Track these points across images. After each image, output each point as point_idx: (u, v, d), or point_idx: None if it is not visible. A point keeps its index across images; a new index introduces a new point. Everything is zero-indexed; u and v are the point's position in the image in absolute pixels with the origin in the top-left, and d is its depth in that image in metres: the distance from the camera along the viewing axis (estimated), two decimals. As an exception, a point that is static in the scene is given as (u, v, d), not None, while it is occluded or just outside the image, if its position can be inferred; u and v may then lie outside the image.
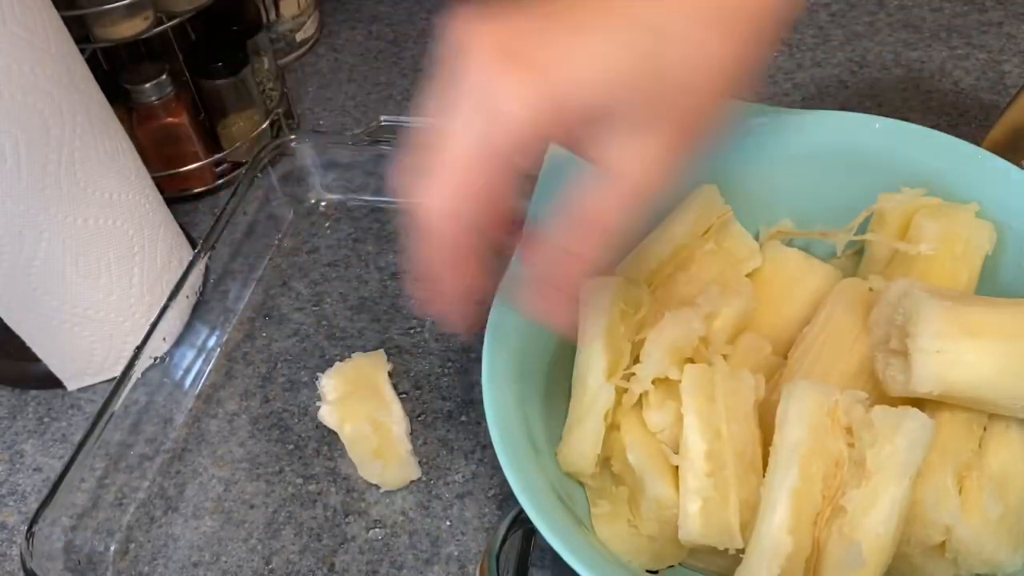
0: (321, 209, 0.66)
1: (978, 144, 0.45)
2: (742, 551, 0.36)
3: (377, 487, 0.50)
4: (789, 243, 0.49)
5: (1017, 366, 0.36)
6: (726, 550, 0.37)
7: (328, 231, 0.65)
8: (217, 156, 0.68)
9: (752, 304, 0.46)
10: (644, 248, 0.46)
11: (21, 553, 0.44)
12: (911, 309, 0.37)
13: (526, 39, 0.28)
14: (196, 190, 0.68)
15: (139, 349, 0.52)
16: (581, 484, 0.44)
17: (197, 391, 0.56)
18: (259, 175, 0.63)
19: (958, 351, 0.36)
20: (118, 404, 0.50)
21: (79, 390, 0.57)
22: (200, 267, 0.57)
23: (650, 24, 0.29)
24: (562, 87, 0.28)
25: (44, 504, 0.45)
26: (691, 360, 0.42)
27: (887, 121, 0.46)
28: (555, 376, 0.44)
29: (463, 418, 0.53)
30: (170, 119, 0.63)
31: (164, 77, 0.62)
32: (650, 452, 0.40)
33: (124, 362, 0.51)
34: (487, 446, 0.51)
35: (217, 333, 0.58)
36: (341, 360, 0.55)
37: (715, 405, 0.39)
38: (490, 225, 0.31)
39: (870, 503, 0.34)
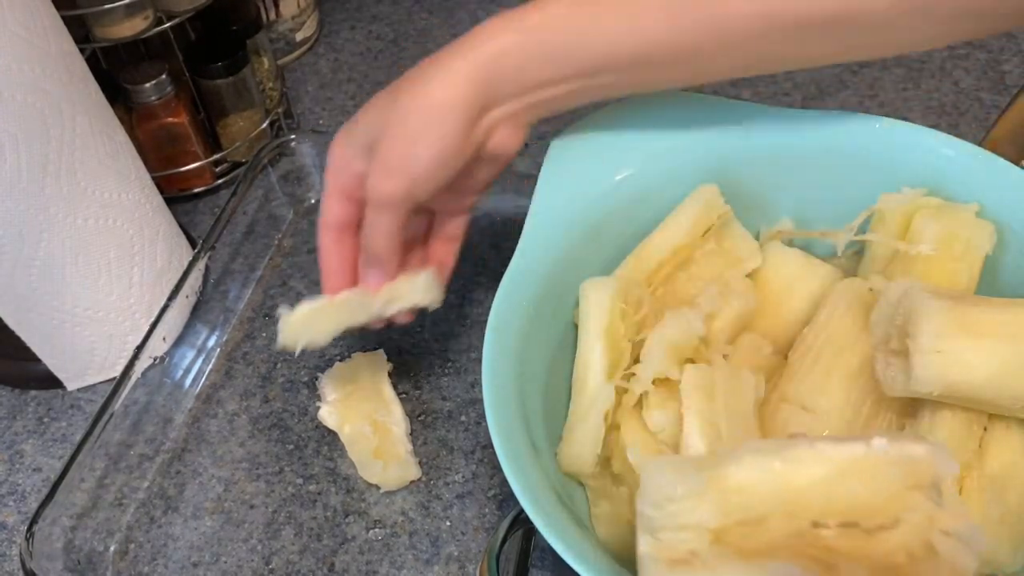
0: (321, 209, 0.66)
1: (978, 144, 0.45)
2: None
3: (377, 487, 0.50)
4: (789, 243, 0.49)
5: (1018, 366, 0.36)
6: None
7: (328, 231, 0.65)
8: (217, 156, 0.68)
9: (752, 304, 0.46)
10: (644, 248, 0.46)
11: (21, 553, 0.44)
12: (911, 309, 0.37)
13: None
14: (196, 190, 0.68)
15: (139, 349, 0.51)
16: (581, 484, 0.43)
17: (197, 391, 0.56)
18: (259, 175, 0.63)
19: (958, 351, 0.36)
20: (118, 404, 0.50)
21: (79, 390, 0.57)
22: (200, 267, 0.57)
23: None
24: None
25: (44, 504, 0.45)
26: (691, 360, 0.42)
27: (887, 121, 0.46)
28: (555, 376, 0.44)
29: (463, 418, 0.53)
30: (170, 119, 0.63)
31: (164, 77, 0.62)
32: (650, 452, 0.40)
33: (124, 362, 0.51)
34: (487, 446, 0.51)
35: (217, 333, 0.58)
36: (341, 360, 0.55)
37: (715, 405, 0.39)
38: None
39: None
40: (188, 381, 0.56)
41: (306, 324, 0.45)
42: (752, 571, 0.27)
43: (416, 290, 0.45)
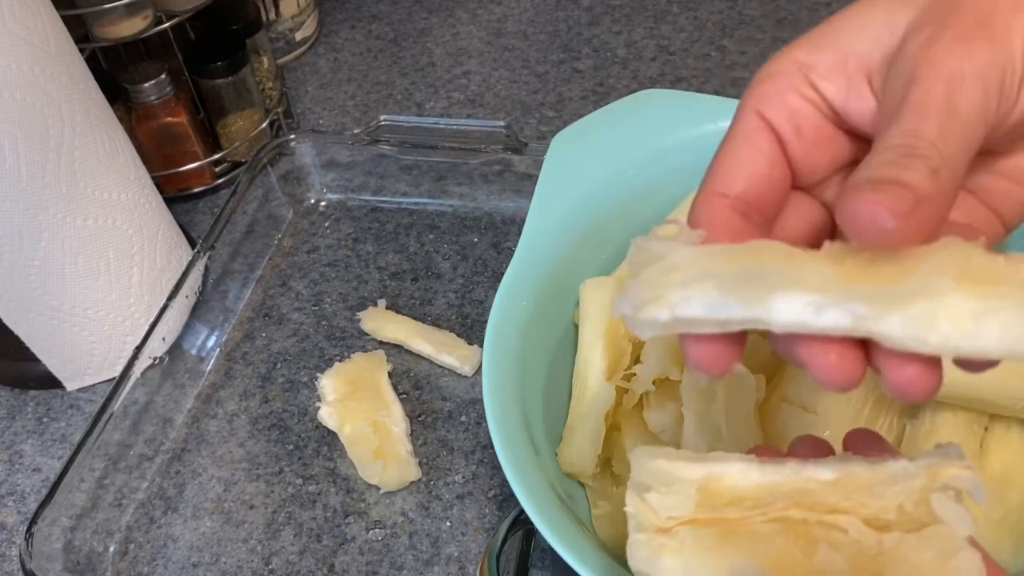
0: (321, 209, 0.66)
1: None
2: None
3: (377, 488, 0.50)
4: (789, 243, 0.49)
5: (1018, 366, 0.36)
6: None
7: (328, 231, 0.65)
8: (217, 156, 0.68)
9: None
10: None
11: (20, 553, 0.44)
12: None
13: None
14: (195, 190, 0.68)
15: (138, 349, 0.51)
16: (581, 484, 0.43)
17: (196, 391, 0.56)
18: (259, 174, 0.63)
19: (959, 351, 0.36)
20: (117, 404, 0.50)
21: (78, 390, 0.57)
22: (199, 267, 0.57)
23: None
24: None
25: (43, 504, 0.45)
26: (692, 360, 0.42)
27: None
28: (555, 376, 0.44)
29: (463, 418, 0.53)
30: (170, 118, 0.63)
31: (164, 76, 0.62)
32: (650, 452, 0.40)
33: (123, 362, 0.51)
34: (487, 446, 0.51)
35: (216, 333, 0.58)
36: (341, 360, 0.55)
37: (715, 406, 0.39)
38: None
39: None
40: (187, 381, 0.56)
41: None
42: (720, 563, 0.25)
43: None
